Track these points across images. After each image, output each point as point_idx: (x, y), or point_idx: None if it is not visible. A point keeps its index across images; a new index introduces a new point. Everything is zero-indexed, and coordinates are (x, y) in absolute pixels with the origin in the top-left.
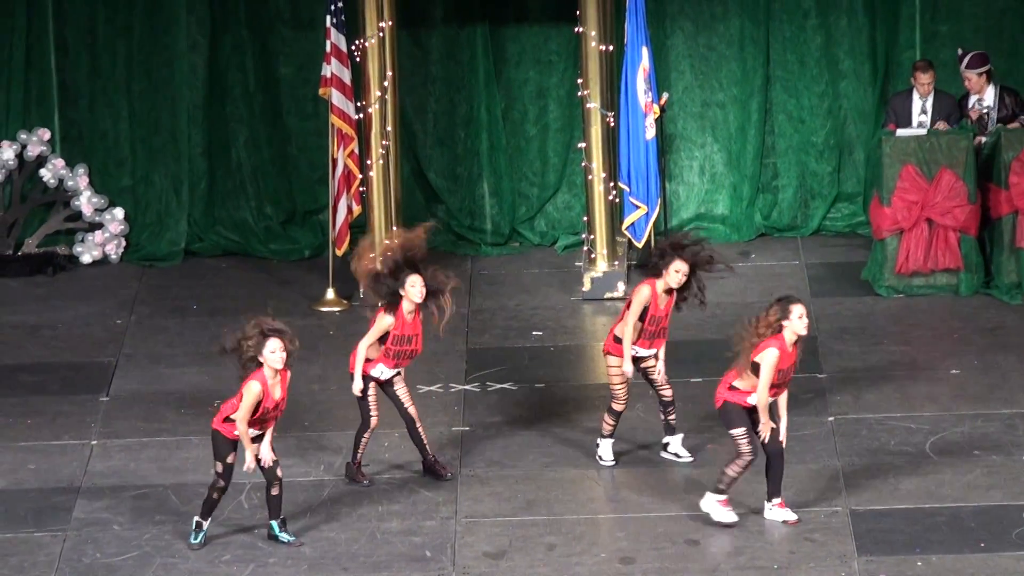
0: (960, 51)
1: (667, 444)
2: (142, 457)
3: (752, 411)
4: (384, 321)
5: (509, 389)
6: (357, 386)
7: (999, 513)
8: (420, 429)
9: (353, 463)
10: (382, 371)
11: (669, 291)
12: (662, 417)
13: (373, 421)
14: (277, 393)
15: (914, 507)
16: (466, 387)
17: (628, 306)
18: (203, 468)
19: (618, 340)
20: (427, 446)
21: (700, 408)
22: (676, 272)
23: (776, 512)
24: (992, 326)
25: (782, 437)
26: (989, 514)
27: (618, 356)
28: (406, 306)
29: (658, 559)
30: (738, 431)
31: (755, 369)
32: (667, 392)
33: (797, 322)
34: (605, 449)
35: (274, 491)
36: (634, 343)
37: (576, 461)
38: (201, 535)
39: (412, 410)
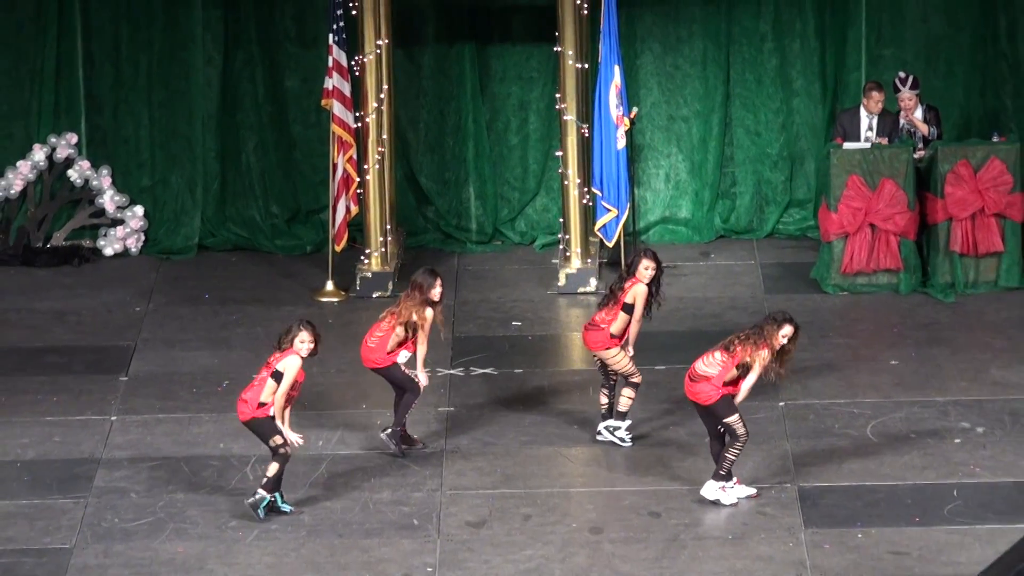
0: (903, 74)
1: (604, 428)
2: (157, 432)
3: None
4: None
5: (491, 374)
6: (424, 381)
7: (933, 491)
8: (413, 404)
9: (400, 429)
10: (405, 356)
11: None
12: (605, 401)
13: (419, 387)
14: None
15: (856, 484)
16: (451, 371)
17: (618, 306)
18: (212, 442)
19: (613, 336)
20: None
21: (663, 392)
22: (646, 269)
23: (738, 489)
24: (928, 322)
25: None
26: (924, 492)
27: (615, 346)
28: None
29: (624, 529)
30: (734, 417)
31: (741, 368)
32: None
33: (780, 338)
34: (623, 431)
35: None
36: (625, 332)
37: (551, 439)
38: (281, 503)
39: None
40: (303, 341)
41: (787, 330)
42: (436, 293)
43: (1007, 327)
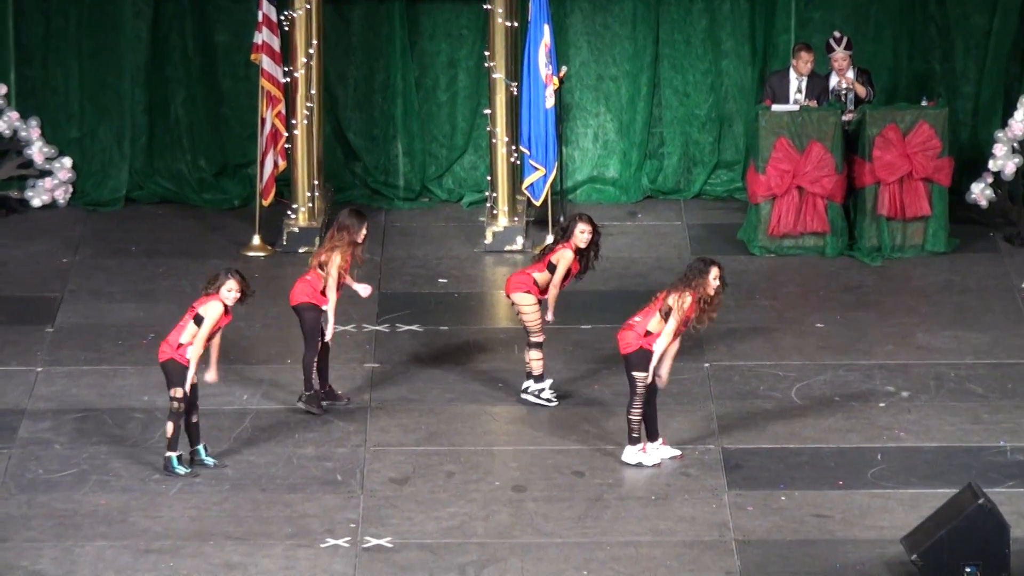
0: (837, 34)
1: (528, 393)
2: (82, 383)
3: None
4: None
5: (416, 331)
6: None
7: (856, 454)
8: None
9: (315, 389)
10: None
11: (577, 252)
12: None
13: (316, 345)
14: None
15: (780, 447)
16: (377, 328)
17: (543, 262)
18: (136, 395)
19: (536, 283)
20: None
21: (588, 352)
22: (581, 232)
23: (662, 450)
24: (854, 285)
25: (663, 381)
26: (847, 455)
27: (533, 295)
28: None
29: (547, 488)
30: (641, 375)
31: (664, 314)
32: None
33: (712, 282)
34: (547, 392)
35: (194, 419)
36: (543, 295)
37: (476, 397)
38: (182, 465)
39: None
40: (230, 290)
41: (715, 271)
42: (362, 235)
43: (933, 291)
